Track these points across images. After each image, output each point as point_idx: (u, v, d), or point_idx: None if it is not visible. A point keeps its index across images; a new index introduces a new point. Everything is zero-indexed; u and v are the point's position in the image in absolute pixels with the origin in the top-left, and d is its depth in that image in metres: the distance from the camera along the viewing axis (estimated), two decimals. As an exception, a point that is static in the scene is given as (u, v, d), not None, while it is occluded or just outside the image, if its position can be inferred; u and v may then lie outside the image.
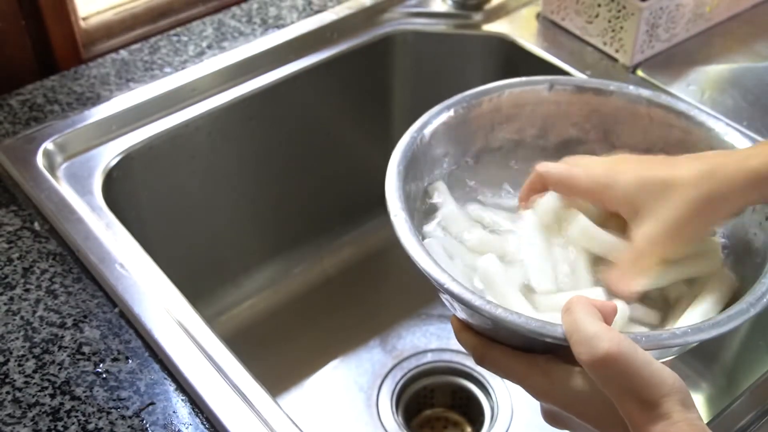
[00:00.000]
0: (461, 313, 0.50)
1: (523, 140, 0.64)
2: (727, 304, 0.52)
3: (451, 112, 0.60)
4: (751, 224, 0.56)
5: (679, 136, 0.60)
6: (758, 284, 0.50)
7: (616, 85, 0.62)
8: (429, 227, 0.58)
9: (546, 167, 0.57)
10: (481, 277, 0.53)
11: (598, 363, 0.42)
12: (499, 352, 0.49)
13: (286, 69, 0.90)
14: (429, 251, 0.52)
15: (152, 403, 0.59)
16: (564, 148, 0.64)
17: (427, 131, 0.59)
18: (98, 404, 0.59)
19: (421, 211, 0.59)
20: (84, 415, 0.58)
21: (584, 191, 0.55)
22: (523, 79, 0.63)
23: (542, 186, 0.57)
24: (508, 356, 0.49)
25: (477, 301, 0.47)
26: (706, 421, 0.59)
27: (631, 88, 0.62)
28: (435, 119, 0.60)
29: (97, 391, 0.60)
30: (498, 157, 0.63)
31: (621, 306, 0.51)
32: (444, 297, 0.49)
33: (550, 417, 0.51)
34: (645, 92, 0.62)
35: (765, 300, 0.49)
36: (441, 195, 0.60)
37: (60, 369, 0.61)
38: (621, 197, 0.53)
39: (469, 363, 0.92)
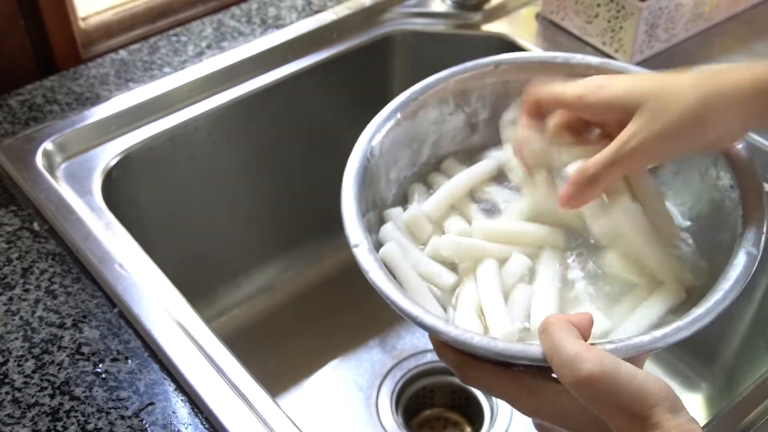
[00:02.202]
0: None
1: (476, 125, 0.62)
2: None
3: (398, 116, 0.58)
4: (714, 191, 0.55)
5: None
6: (730, 268, 0.49)
7: (564, 57, 0.61)
8: (387, 228, 0.56)
9: (536, 88, 0.55)
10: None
11: (582, 384, 0.42)
12: (484, 371, 0.48)
13: (285, 69, 0.90)
14: (391, 260, 0.51)
15: (152, 404, 0.59)
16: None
17: (376, 142, 0.57)
18: (97, 404, 0.59)
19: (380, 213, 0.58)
20: (83, 415, 0.58)
21: (575, 97, 0.53)
22: (468, 64, 0.61)
23: (537, 108, 0.55)
24: (492, 375, 0.48)
25: (452, 332, 0.46)
26: (705, 421, 0.59)
27: (579, 57, 0.60)
28: (383, 127, 0.58)
29: (97, 391, 0.60)
30: (456, 147, 0.62)
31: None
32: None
33: (543, 429, 0.51)
34: (594, 60, 0.60)
35: (739, 286, 0.48)
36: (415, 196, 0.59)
37: (59, 369, 0.61)
38: (611, 99, 0.51)
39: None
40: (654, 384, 0.42)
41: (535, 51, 0.92)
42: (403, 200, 0.60)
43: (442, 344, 0.50)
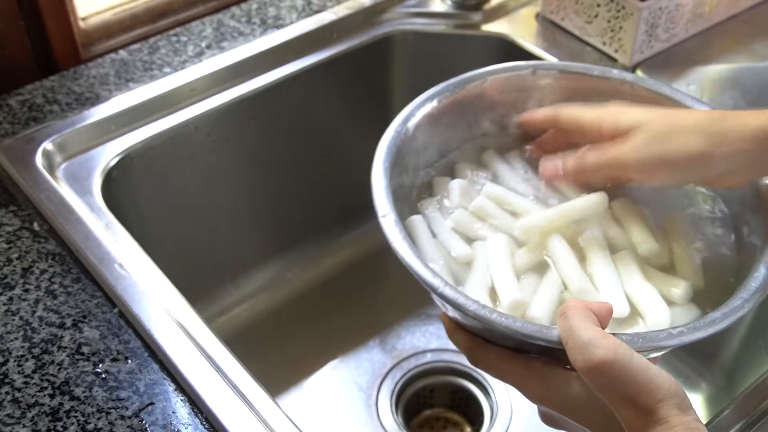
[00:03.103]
0: (453, 313, 0.50)
1: (507, 126, 0.63)
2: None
3: (435, 102, 0.60)
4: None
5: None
6: (751, 279, 0.50)
7: (600, 69, 0.62)
8: (427, 202, 0.58)
9: (558, 106, 0.58)
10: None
11: (594, 370, 0.42)
12: (494, 354, 0.48)
13: (285, 69, 0.90)
14: (414, 231, 0.53)
15: (151, 404, 0.59)
16: None
17: (411, 124, 0.58)
18: (97, 404, 0.59)
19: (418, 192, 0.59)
20: (83, 415, 0.58)
21: (590, 120, 0.56)
22: (507, 65, 0.63)
23: (549, 124, 0.59)
24: (503, 359, 0.48)
25: (471, 306, 0.46)
26: (705, 421, 0.59)
27: (615, 72, 0.62)
28: (418, 111, 0.59)
29: (97, 391, 0.60)
30: (483, 144, 0.63)
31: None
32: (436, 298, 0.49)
33: (547, 419, 0.51)
34: (628, 76, 0.62)
35: (758, 296, 0.49)
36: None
37: (59, 369, 0.61)
38: (626, 122, 0.53)
39: (468, 363, 0.92)
40: (664, 379, 0.42)
41: (541, 53, 0.93)
42: (428, 187, 0.61)
43: (455, 326, 0.50)
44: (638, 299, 0.52)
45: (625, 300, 0.52)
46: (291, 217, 1.00)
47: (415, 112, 0.59)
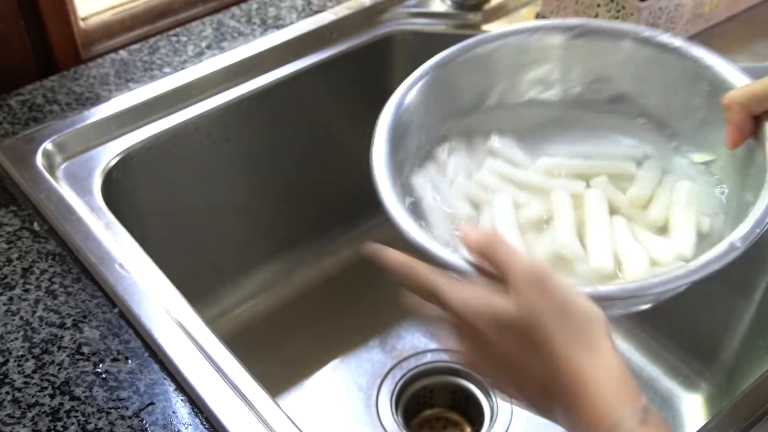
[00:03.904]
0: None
1: (549, 84, 0.63)
2: None
3: (443, 68, 0.60)
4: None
5: (708, 90, 0.59)
6: (741, 225, 0.49)
7: (650, 33, 0.61)
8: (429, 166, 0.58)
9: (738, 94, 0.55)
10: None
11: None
12: (424, 267, 0.49)
13: (285, 69, 0.90)
14: (419, 187, 0.54)
15: (152, 404, 0.59)
16: (590, 92, 0.63)
17: (417, 89, 0.58)
18: (98, 404, 0.59)
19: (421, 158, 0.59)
20: (83, 415, 0.58)
21: None
22: (532, 24, 0.62)
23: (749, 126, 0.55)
24: (432, 271, 0.49)
25: (414, 237, 0.49)
26: (704, 421, 0.59)
27: (663, 38, 0.61)
28: (424, 78, 0.59)
29: (97, 391, 0.60)
30: (522, 102, 0.63)
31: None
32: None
33: (467, 360, 0.50)
34: (678, 42, 0.60)
35: (745, 244, 0.48)
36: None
37: (59, 369, 0.61)
38: None
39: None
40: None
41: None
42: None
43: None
44: (623, 256, 0.53)
45: (610, 256, 0.52)
46: (291, 217, 1.00)
47: (420, 79, 0.58)
